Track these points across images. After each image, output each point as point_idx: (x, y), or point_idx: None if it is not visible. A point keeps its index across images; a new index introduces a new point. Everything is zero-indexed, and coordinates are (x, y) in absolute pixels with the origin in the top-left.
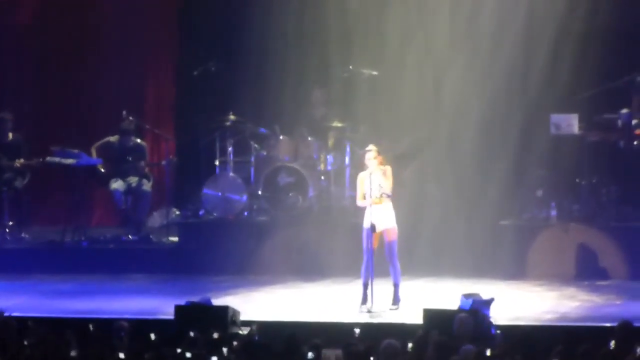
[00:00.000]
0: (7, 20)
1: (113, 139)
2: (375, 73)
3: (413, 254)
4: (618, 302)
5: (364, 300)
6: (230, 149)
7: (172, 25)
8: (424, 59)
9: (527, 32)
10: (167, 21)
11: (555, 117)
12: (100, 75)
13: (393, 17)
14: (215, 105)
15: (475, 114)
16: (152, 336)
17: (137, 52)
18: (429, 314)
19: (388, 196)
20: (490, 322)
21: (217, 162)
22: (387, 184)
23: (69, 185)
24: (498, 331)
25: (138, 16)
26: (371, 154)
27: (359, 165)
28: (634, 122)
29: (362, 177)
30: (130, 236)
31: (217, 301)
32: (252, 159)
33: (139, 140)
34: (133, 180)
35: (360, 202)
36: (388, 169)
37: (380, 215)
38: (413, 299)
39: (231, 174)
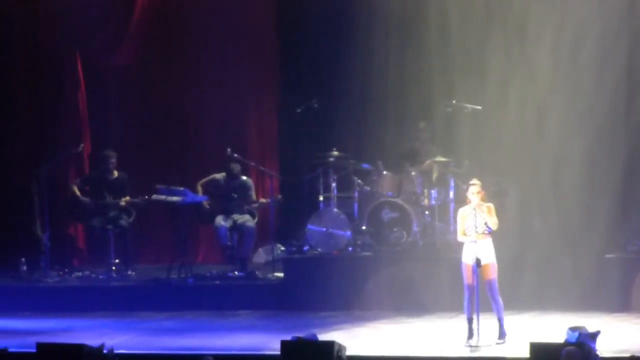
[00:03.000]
0: (111, 61)
1: (219, 176)
2: (478, 107)
3: (519, 288)
4: None
5: (470, 335)
6: (333, 184)
7: (275, 63)
8: (526, 92)
9: (630, 64)
10: (269, 59)
11: None
12: (204, 113)
13: (495, 50)
14: (319, 141)
15: (578, 147)
16: None
17: (240, 91)
18: (536, 348)
19: (489, 232)
20: (597, 355)
21: (321, 198)
22: (492, 221)
23: (174, 223)
24: None
25: (241, 55)
26: (475, 189)
27: (462, 199)
28: None
29: (463, 213)
30: (235, 272)
31: (323, 336)
32: (356, 194)
33: (244, 178)
34: (238, 217)
35: (461, 238)
36: (492, 205)
37: (482, 250)
38: (519, 333)
39: (335, 209)
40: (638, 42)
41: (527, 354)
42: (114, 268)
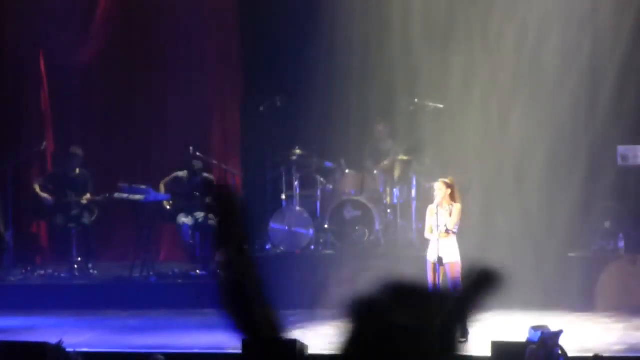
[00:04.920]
0: (73, 59)
1: (182, 174)
2: (440, 106)
3: None
4: None
5: None
6: (296, 183)
7: (237, 61)
8: (489, 91)
9: (593, 63)
10: (232, 57)
11: (622, 149)
12: (166, 111)
13: (457, 50)
14: (281, 139)
15: (541, 146)
16: None
17: (203, 88)
18: (498, 347)
19: (453, 233)
20: (559, 354)
21: (283, 197)
22: (450, 221)
23: (136, 221)
24: None
25: (203, 52)
26: (436, 185)
27: (425, 198)
28: None
29: (430, 210)
30: (198, 271)
31: (285, 335)
32: (318, 192)
33: (206, 175)
34: (200, 215)
35: (427, 235)
36: (456, 206)
37: (445, 248)
38: (481, 332)
39: (297, 207)
40: (600, 41)
41: (489, 353)
42: (76, 266)
